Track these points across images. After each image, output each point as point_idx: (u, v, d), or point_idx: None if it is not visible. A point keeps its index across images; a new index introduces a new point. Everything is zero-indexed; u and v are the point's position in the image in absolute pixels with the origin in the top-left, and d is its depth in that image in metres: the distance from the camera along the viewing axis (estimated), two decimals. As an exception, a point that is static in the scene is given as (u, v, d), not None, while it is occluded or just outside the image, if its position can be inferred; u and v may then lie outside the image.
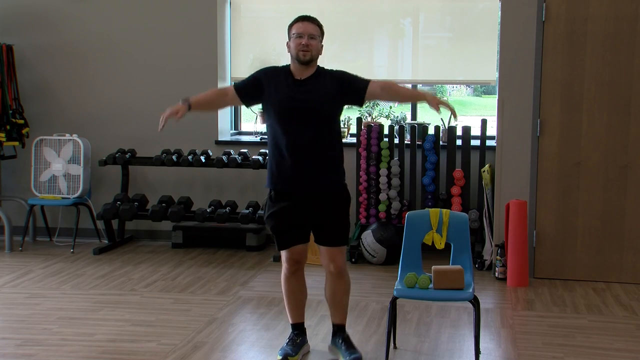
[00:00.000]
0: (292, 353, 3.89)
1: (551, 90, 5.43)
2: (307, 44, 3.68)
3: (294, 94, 3.71)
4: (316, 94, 3.71)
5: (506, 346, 4.19)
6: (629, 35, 5.30)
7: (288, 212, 3.79)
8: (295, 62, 3.74)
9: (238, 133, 7.07)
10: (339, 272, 3.89)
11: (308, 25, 3.74)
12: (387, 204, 6.13)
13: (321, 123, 3.74)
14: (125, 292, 5.18)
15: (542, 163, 5.49)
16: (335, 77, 3.79)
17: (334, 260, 3.85)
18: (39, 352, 4.04)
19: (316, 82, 3.74)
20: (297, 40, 3.70)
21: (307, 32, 3.70)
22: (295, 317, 4.02)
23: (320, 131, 3.73)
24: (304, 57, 3.70)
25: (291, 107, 3.70)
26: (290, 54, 3.75)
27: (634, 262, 5.43)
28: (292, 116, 3.70)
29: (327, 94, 3.72)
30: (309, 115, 3.69)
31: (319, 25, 3.79)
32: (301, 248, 3.86)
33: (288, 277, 3.94)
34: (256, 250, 6.36)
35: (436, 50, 6.66)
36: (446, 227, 4.02)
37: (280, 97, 3.72)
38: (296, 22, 3.76)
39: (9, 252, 6.32)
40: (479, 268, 5.72)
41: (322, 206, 3.79)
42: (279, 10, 6.80)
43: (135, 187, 6.78)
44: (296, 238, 3.83)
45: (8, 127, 6.52)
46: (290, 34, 3.76)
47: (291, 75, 3.76)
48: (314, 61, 3.75)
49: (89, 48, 6.77)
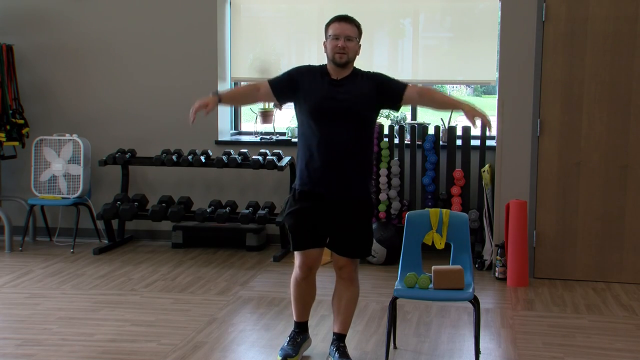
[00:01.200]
0: (292, 353, 3.88)
1: (551, 90, 5.43)
2: (343, 46, 3.61)
3: (330, 93, 3.63)
4: (352, 94, 3.63)
5: (506, 346, 4.19)
6: (629, 35, 5.30)
7: (309, 213, 3.69)
8: (332, 63, 3.67)
9: (238, 133, 7.07)
10: (350, 278, 3.80)
11: (345, 26, 3.66)
12: (387, 204, 6.13)
13: (355, 125, 3.64)
14: (125, 292, 5.18)
15: (542, 163, 5.49)
16: (372, 79, 3.71)
17: (346, 266, 3.77)
18: (39, 352, 4.04)
19: (353, 82, 3.67)
20: (333, 42, 3.63)
21: (344, 33, 3.63)
22: (300, 316, 3.98)
23: (353, 133, 3.63)
24: (341, 60, 3.63)
25: (327, 106, 3.61)
26: (327, 54, 3.68)
27: (634, 262, 5.43)
28: (327, 116, 3.61)
29: (364, 95, 3.64)
30: (344, 116, 3.61)
31: (356, 25, 3.71)
32: (316, 253, 3.75)
33: (299, 283, 3.85)
34: (256, 250, 6.36)
35: (436, 50, 6.66)
36: (446, 227, 4.02)
37: (316, 96, 3.64)
38: (333, 22, 3.68)
39: (9, 252, 6.32)
40: (479, 268, 5.72)
41: (345, 213, 3.69)
42: (278, 10, 6.80)
43: (135, 187, 6.78)
44: (313, 241, 3.72)
45: (8, 127, 6.52)
46: (327, 34, 3.68)
47: (328, 75, 3.69)
48: (350, 62, 3.69)
49: (89, 48, 6.77)
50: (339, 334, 3.86)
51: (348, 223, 3.70)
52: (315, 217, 3.69)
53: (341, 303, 3.83)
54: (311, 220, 3.69)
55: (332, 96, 3.62)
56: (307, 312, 4.01)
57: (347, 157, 3.63)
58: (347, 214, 3.69)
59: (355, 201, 3.71)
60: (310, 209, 3.68)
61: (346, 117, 3.61)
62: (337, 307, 3.85)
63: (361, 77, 3.70)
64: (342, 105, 3.61)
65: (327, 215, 3.68)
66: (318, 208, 3.68)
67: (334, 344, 3.87)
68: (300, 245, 3.74)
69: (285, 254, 6.10)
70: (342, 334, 3.86)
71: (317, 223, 3.70)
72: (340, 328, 3.86)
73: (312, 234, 3.71)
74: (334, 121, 3.60)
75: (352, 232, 3.72)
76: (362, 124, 3.67)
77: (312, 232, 3.71)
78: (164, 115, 6.69)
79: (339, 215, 3.68)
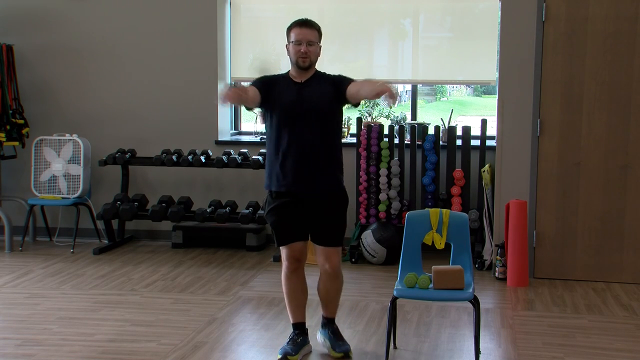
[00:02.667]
0: (292, 352, 3.90)
1: (551, 90, 5.43)
2: (305, 51, 3.78)
3: (295, 95, 3.82)
4: (316, 95, 3.82)
5: (506, 346, 4.19)
6: (629, 35, 5.30)
7: (288, 208, 3.86)
8: (295, 66, 3.85)
9: (238, 133, 7.07)
10: (334, 272, 3.95)
11: (306, 31, 3.81)
12: (387, 204, 6.13)
13: (322, 123, 3.83)
14: (125, 292, 5.18)
15: (542, 163, 5.49)
16: (330, 79, 3.89)
17: (330, 259, 3.91)
18: (39, 352, 4.04)
19: (315, 83, 3.86)
20: (296, 47, 3.80)
21: (306, 39, 3.79)
22: (296, 317, 4.03)
23: (320, 131, 3.83)
24: (304, 64, 3.81)
25: (294, 108, 3.80)
26: (290, 58, 3.86)
27: (634, 262, 5.43)
28: (294, 117, 3.80)
29: (326, 95, 3.83)
30: (310, 116, 3.80)
31: (317, 29, 3.86)
32: (301, 245, 3.91)
33: (288, 276, 3.98)
34: (256, 250, 6.36)
35: (436, 50, 6.66)
36: (446, 227, 4.02)
37: (284, 99, 3.82)
38: (294, 27, 3.84)
39: (9, 252, 6.32)
40: (479, 268, 5.72)
41: (320, 206, 3.86)
42: (278, 10, 6.80)
43: (135, 187, 6.78)
44: (296, 235, 3.88)
45: (8, 127, 6.52)
46: (289, 39, 3.85)
47: (291, 79, 3.88)
48: (313, 65, 3.86)
49: (88, 48, 6.77)
50: (330, 317, 4.07)
51: (323, 214, 3.87)
52: (294, 212, 3.87)
53: (329, 295, 4.02)
54: (291, 215, 3.87)
55: (299, 98, 3.82)
56: (303, 312, 4.05)
57: (317, 155, 3.82)
58: (321, 207, 3.86)
59: (330, 195, 3.89)
60: (288, 204, 3.86)
61: (313, 117, 3.81)
62: (326, 298, 4.03)
63: (323, 79, 3.90)
64: (308, 106, 3.81)
65: (304, 209, 3.86)
66: (295, 204, 3.86)
67: (328, 327, 4.05)
68: (284, 239, 3.90)
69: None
70: (332, 317, 4.07)
71: (297, 217, 3.87)
72: (330, 313, 4.07)
73: (294, 228, 3.88)
74: (302, 121, 3.80)
75: (330, 223, 3.90)
76: (328, 122, 3.87)
77: (293, 226, 3.88)
78: (164, 115, 6.70)
79: (315, 208, 3.86)
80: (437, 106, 8.14)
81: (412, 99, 6.71)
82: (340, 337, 4.03)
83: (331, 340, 4.01)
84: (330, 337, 4.02)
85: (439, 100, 8.47)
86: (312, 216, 3.87)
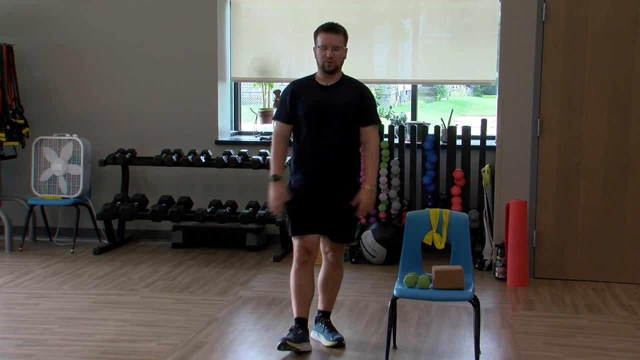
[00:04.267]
0: (291, 339, 3.95)
1: (551, 90, 5.43)
2: (331, 56, 3.92)
3: (321, 98, 3.97)
4: (341, 99, 3.97)
5: (506, 346, 4.19)
6: (629, 35, 5.30)
7: (307, 202, 4.00)
8: (321, 70, 4.00)
9: (238, 133, 7.07)
10: (336, 261, 4.12)
11: (331, 36, 3.95)
12: (387, 204, 6.13)
13: (345, 126, 3.99)
14: (125, 292, 5.18)
15: (542, 163, 5.49)
16: (357, 91, 4.03)
17: (335, 250, 4.09)
18: (39, 352, 4.04)
19: (341, 88, 4.00)
20: (322, 52, 3.95)
21: (332, 44, 3.93)
22: (299, 312, 4.05)
23: (343, 134, 3.99)
24: (329, 68, 3.95)
25: (319, 110, 3.96)
26: (317, 61, 4.00)
27: (634, 262, 5.43)
28: (320, 119, 3.95)
29: (350, 101, 3.98)
30: (335, 119, 3.96)
31: (343, 33, 4.00)
32: (313, 238, 4.01)
33: (297, 270, 4.04)
34: (256, 250, 6.36)
35: (436, 50, 6.66)
36: (446, 227, 4.02)
37: (310, 102, 3.97)
38: (320, 32, 3.98)
39: (9, 252, 6.32)
40: (479, 268, 5.72)
41: (339, 205, 3.99)
42: (278, 10, 6.79)
43: (135, 187, 6.78)
44: (310, 227, 3.99)
45: (8, 127, 6.51)
46: (316, 43, 4.00)
47: (317, 83, 4.02)
48: (338, 69, 4.00)
49: (89, 48, 6.77)
50: (325, 311, 4.18)
51: (341, 214, 4.01)
52: (312, 207, 3.99)
53: (328, 285, 4.15)
54: (309, 209, 3.99)
55: (324, 101, 3.98)
56: (306, 308, 4.07)
57: (338, 156, 4.00)
58: (339, 206, 4.00)
59: (347, 195, 3.99)
60: (307, 199, 4.01)
61: (336, 120, 3.97)
62: (324, 288, 4.16)
63: (349, 85, 4.04)
64: (333, 109, 3.96)
65: (323, 206, 3.99)
66: (314, 200, 4.00)
67: (321, 321, 4.16)
68: (298, 230, 4.01)
69: (285, 254, 6.10)
70: (329, 311, 4.19)
71: (314, 212, 3.99)
72: (327, 306, 4.19)
73: (309, 221, 3.99)
74: (326, 123, 3.96)
75: (344, 221, 4.05)
76: (350, 125, 4.01)
77: (309, 219, 3.99)
78: (164, 115, 6.70)
79: (333, 206, 4.00)
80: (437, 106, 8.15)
81: (412, 99, 6.71)
82: (333, 329, 4.14)
83: (324, 331, 4.12)
84: (323, 328, 4.13)
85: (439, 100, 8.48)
86: (330, 213, 3.98)
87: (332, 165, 3.98)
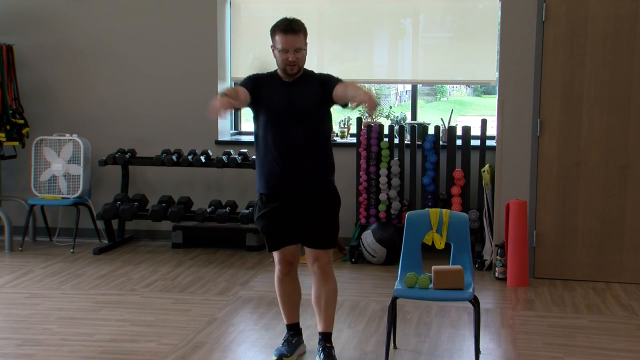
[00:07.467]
0: (287, 353, 3.90)
1: (551, 90, 5.43)
2: (293, 59, 3.65)
3: (283, 95, 3.72)
4: (304, 95, 3.72)
5: (506, 346, 4.19)
6: (629, 35, 5.30)
7: (278, 212, 3.77)
8: (283, 72, 3.74)
9: (238, 133, 7.07)
10: (323, 273, 3.84)
11: (291, 38, 3.64)
12: (387, 204, 6.13)
13: (311, 123, 3.75)
14: (125, 292, 5.18)
15: (542, 163, 5.49)
16: (318, 79, 3.77)
17: (318, 259, 3.82)
18: (39, 352, 4.04)
19: (304, 83, 3.75)
20: (283, 55, 3.66)
21: (293, 46, 3.64)
22: (290, 318, 4.01)
23: (311, 131, 3.74)
24: (292, 71, 3.70)
25: (283, 108, 3.71)
26: (277, 62, 3.73)
27: (634, 262, 5.43)
28: (282, 117, 3.71)
29: (314, 94, 3.73)
30: (299, 116, 3.70)
31: (302, 31, 3.71)
32: (292, 249, 3.85)
33: (281, 279, 3.94)
34: (256, 250, 6.36)
35: (436, 50, 6.66)
36: (446, 227, 4.02)
37: (273, 99, 3.72)
38: (278, 33, 3.67)
39: (9, 252, 6.32)
40: (479, 268, 5.72)
41: (310, 208, 3.76)
42: (278, 10, 6.75)
43: (135, 187, 6.78)
44: (287, 239, 3.81)
45: (8, 127, 6.52)
46: (274, 44, 3.71)
47: (279, 79, 3.77)
48: (301, 70, 3.75)
49: (88, 48, 6.77)
50: (324, 332, 3.89)
51: (317, 217, 3.78)
52: (285, 216, 3.77)
53: (321, 301, 3.86)
54: (281, 219, 3.78)
55: (288, 98, 3.71)
56: (296, 313, 4.03)
57: (307, 155, 3.73)
58: (314, 209, 3.77)
59: (321, 196, 3.79)
60: (278, 208, 3.77)
61: (302, 117, 3.71)
62: (318, 305, 3.88)
63: (312, 78, 3.77)
64: (297, 106, 3.70)
65: (296, 212, 3.76)
66: (286, 207, 3.76)
67: (320, 344, 3.89)
68: (274, 245, 3.84)
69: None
70: (327, 332, 3.89)
71: (287, 221, 3.78)
72: (324, 327, 3.88)
73: (285, 232, 3.79)
74: (290, 122, 3.69)
75: (321, 225, 3.80)
76: (317, 122, 3.77)
77: (284, 231, 3.79)
78: (164, 115, 6.70)
79: (307, 210, 3.76)
80: (437, 106, 8.15)
81: (412, 99, 6.71)
82: (329, 356, 3.81)
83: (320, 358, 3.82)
84: (320, 355, 3.83)
85: (439, 100, 8.48)
86: (303, 218, 3.77)
87: (303, 167, 3.71)
